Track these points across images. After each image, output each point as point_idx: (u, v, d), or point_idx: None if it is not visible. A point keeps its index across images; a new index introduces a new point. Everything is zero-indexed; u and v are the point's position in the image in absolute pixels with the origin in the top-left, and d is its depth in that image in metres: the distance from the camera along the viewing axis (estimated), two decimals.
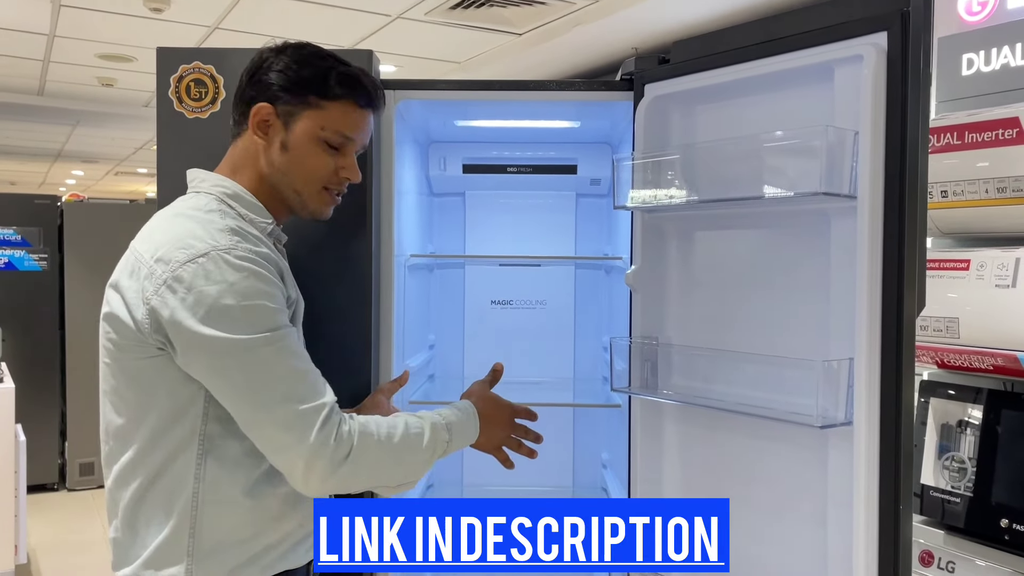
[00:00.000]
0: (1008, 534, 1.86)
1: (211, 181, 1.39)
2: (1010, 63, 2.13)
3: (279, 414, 1.22)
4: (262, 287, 1.25)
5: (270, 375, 1.23)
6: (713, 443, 1.76)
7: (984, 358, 1.90)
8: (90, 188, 13.45)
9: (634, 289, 1.85)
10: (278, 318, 1.26)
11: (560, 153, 2.60)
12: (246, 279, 1.24)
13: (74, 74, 5.79)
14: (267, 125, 1.38)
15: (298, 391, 1.23)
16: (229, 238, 1.27)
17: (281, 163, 1.39)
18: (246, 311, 1.23)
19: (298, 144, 1.38)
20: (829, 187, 1.43)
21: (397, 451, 1.30)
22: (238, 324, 1.22)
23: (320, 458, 1.21)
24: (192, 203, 1.35)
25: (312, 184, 1.41)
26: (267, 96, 1.38)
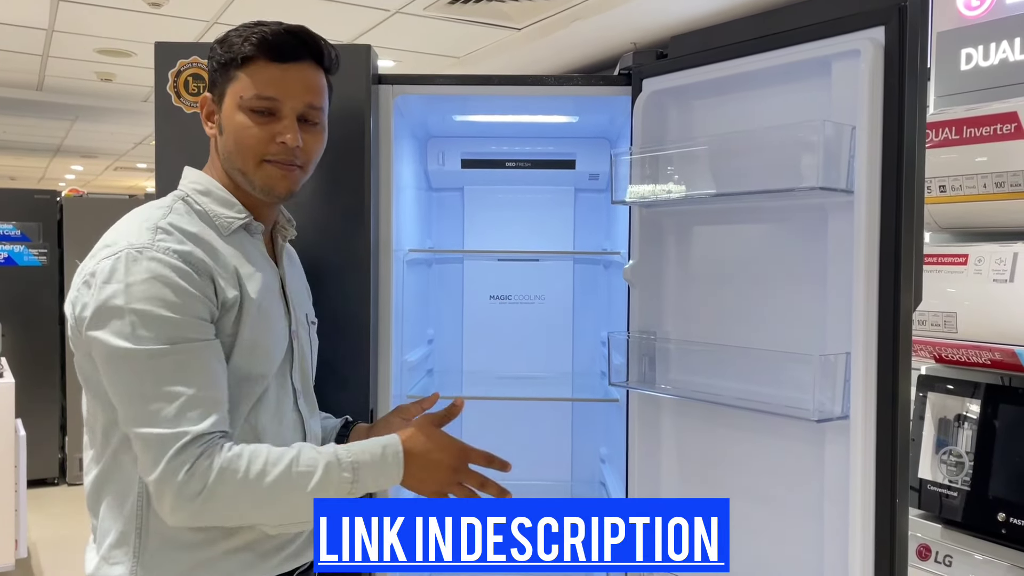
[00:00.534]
0: (1005, 528, 1.87)
1: (189, 178, 1.37)
2: (1009, 58, 2.12)
3: (143, 432, 1.17)
4: (164, 293, 1.17)
5: (143, 390, 1.17)
6: (710, 437, 1.76)
7: (982, 352, 1.91)
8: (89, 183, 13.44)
9: (632, 284, 1.86)
10: (173, 330, 1.17)
11: (558, 148, 2.60)
12: (147, 282, 1.17)
13: (73, 69, 5.79)
14: (211, 114, 1.35)
15: (164, 413, 1.16)
16: (150, 235, 1.21)
17: (222, 147, 1.34)
18: (137, 318, 1.16)
19: (227, 121, 1.32)
20: (826, 182, 1.43)
21: (270, 491, 1.19)
22: (124, 330, 1.16)
23: (168, 489, 1.15)
24: (157, 200, 1.33)
25: (248, 158, 1.31)
26: (208, 85, 1.35)
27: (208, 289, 1.22)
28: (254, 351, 1.29)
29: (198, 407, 1.18)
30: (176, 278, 1.19)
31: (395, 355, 2.02)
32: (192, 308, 1.20)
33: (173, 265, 1.19)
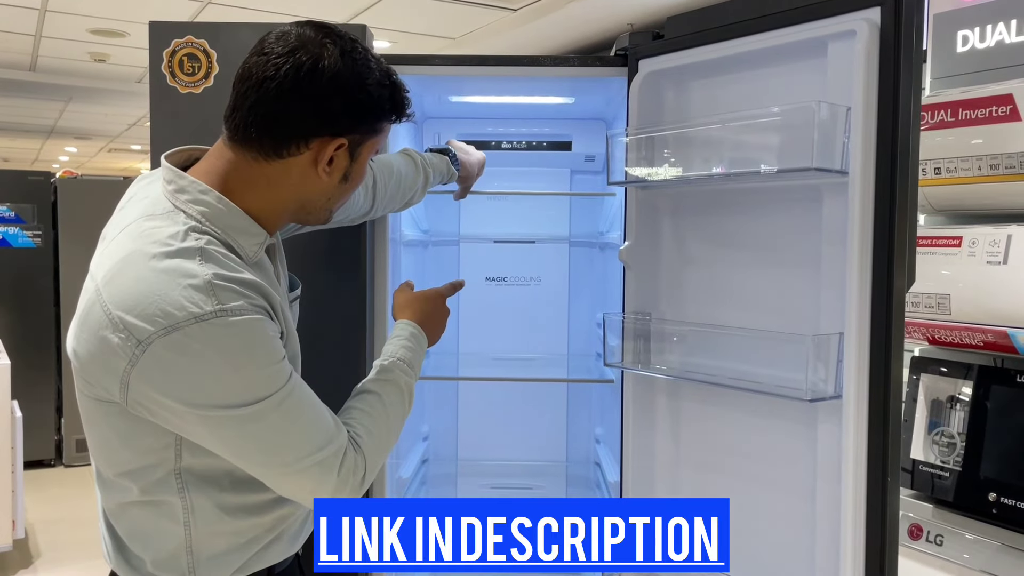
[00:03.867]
0: (996, 508, 1.88)
1: (191, 194, 1.15)
2: (1005, 40, 2.12)
3: (295, 468, 1.14)
4: (255, 347, 1.09)
5: (282, 437, 1.13)
6: (704, 417, 1.77)
7: (975, 334, 1.92)
8: (84, 165, 13.39)
9: (627, 265, 1.86)
10: (279, 374, 1.12)
11: (555, 130, 2.60)
12: (237, 347, 1.08)
13: (66, 49, 5.75)
14: (333, 159, 1.18)
15: (315, 442, 1.14)
16: (210, 299, 1.06)
17: (335, 193, 1.24)
18: (247, 382, 1.09)
19: (359, 173, 1.23)
20: (821, 163, 1.43)
21: (392, 430, 1.32)
22: (236, 396, 1.08)
23: (342, 492, 1.18)
24: (164, 233, 1.11)
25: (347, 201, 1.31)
26: (339, 129, 1.16)
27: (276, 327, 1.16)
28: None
29: (327, 417, 1.19)
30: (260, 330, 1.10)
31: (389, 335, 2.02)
32: (277, 352, 1.13)
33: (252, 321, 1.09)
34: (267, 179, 1.17)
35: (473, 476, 2.73)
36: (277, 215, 1.22)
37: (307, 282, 1.55)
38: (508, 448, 2.78)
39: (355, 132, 1.17)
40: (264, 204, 1.19)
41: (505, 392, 2.72)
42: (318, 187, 1.20)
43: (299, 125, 1.13)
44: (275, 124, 1.13)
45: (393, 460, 2.15)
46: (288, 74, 1.11)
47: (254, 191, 1.17)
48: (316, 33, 1.14)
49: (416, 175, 1.82)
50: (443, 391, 2.80)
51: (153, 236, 1.11)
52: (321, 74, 1.11)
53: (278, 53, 1.12)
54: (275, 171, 1.16)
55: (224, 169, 1.17)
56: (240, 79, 1.16)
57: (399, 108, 1.21)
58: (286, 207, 1.22)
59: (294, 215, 1.25)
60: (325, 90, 1.12)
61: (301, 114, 1.12)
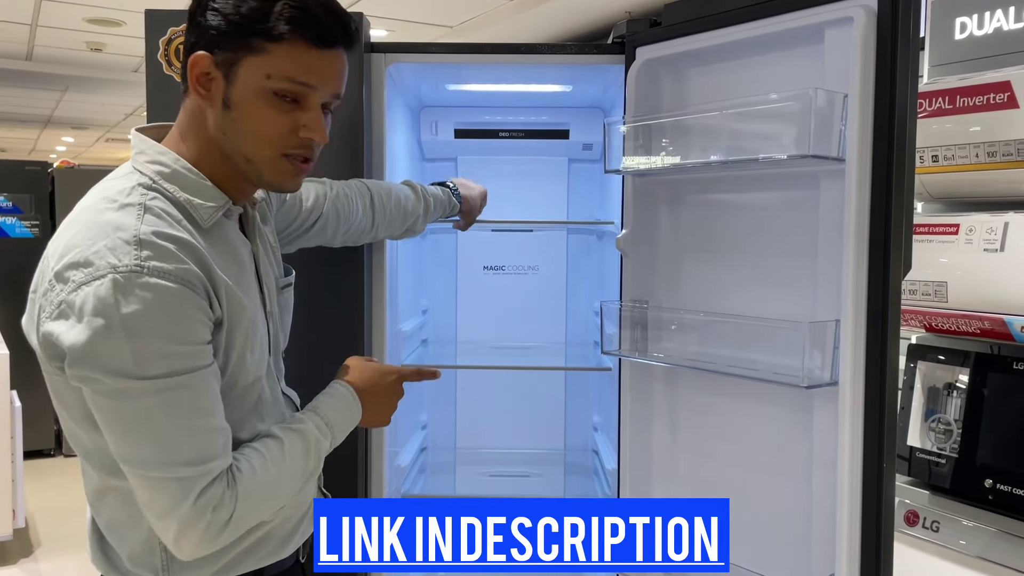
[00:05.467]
0: (992, 494, 1.89)
1: (149, 155, 1.14)
2: (1003, 27, 2.12)
3: (152, 475, 1.04)
4: (165, 324, 1.02)
5: (150, 431, 1.03)
6: (701, 404, 1.78)
7: (971, 321, 1.92)
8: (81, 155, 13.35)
9: (625, 253, 1.86)
10: (181, 362, 1.03)
11: (552, 118, 2.60)
12: (145, 314, 1.00)
13: (62, 38, 5.73)
14: (208, 79, 1.11)
15: (184, 453, 1.04)
16: (135, 254, 1.02)
17: (226, 124, 1.13)
18: (140, 353, 1.01)
19: (242, 100, 1.11)
20: (818, 150, 1.43)
21: (280, 489, 1.17)
22: (125, 368, 1.01)
23: (194, 530, 1.06)
24: (114, 189, 1.11)
25: (264, 148, 1.14)
26: (205, 42, 1.10)
27: (205, 307, 1.07)
28: (245, 357, 1.17)
29: (218, 439, 1.08)
30: (176, 304, 1.03)
31: (389, 325, 2.03)
32: (195, 333, 1.06)
33: (170, 290, 1.03)
34: (191, 121, 1.16)
35: (471, 464, 2.74)
36: (218, 168, 1.16)
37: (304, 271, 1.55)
38: (506, 436, 2.78)
39: (220, 47, 1.10)
40: (200, 155, 1.15)
41: (503, 380, 2.73)
42: (212, 120, 1.13)
43: (185, 40, 1.14)
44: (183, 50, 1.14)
45: (391, 449, 2.16)
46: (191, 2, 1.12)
47: (195, 140, 1.16)
48: None
49: (417, 201, 1.85)
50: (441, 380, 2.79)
51: (104, 192, 1.12)
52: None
53: None
54: (189, 107, 1.16)
55: (178, 125, 1.18)
56: None
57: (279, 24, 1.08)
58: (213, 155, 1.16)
59: (243, 171, 1.16)
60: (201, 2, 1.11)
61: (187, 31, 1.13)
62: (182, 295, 1.04)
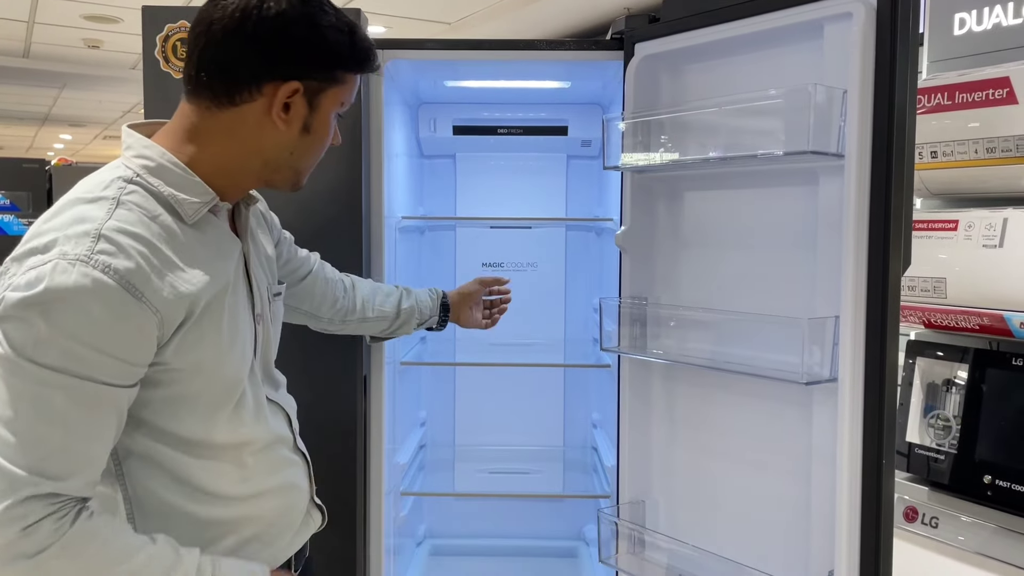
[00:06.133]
0: (991, 490, 1.89)
1: (136, 149, 1.13)
2: (1002, 23, 2.11)
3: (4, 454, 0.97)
4: (84, 324, 0.98)
5: (15, 413, 0.97)
6: (700, 401, 1.78)
7: (970, 317, 1.92)
8: (79, 152, 13.34)
9: (624, 250, 1.86)
10: (79, 364, 0.98)
11: (551, 114, 2.59)
12: (69, 306, 0.97)
13: (60, 36, 5.72)
14: (290, 105, 1.13)
15: (27, 451, 0.97)
16: (90, 245, 0.99)
17: (299, 146, 1.17)
18: (47, 340, 0.97)
19: (320, 124, 1.17)
20: (817, 146, 1.43)
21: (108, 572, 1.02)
22: (24, 339, 0.97)
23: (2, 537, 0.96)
24: (94, 181, 1.10)
25: (315, 162, 1.23)
26: (292, 72, 1.11)
27: (146, 319, 1.02)
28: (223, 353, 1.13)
29: (69, 460, 0.99)
30: (105, 306, 0.98)
31: None
32: (113, 343, 1.00)
33: (107, 288, 0.98)
34: (223, 130, 1.13)
35: (470, 461, 2.74)
36: (238, 173, 1.17)
37: None
38: (505, 433, 2.78)
39: (310, 77, 1.13)
40: (222, 159, 1.14)
41: (502, 377, 2.72)
42: (277, 138, 1.15)
43: (247, 67, 1.10)
44: (224, 66, 1.10)
45: (390, 447, 2.16)
46: (235, 14, 1.08)
47: (211, 144, 1.14)
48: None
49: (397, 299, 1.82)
50: (440, 377, 2.80)
51: (84, 185, 1.10)
52: (267, 13, 1.09)
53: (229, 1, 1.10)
54: (230, 120, 1.13)
55: (182, 124, 1.15)
56: (192, 26, 1.12)
57: (360, 57, 1.17)
58: (247, 164, 1.16)
59: (259, 174, 1.19)
60: (271, 30, 1.09)
61: (248, 55, 1.09)
62: (118, 298, 0.99)
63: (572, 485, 2.63)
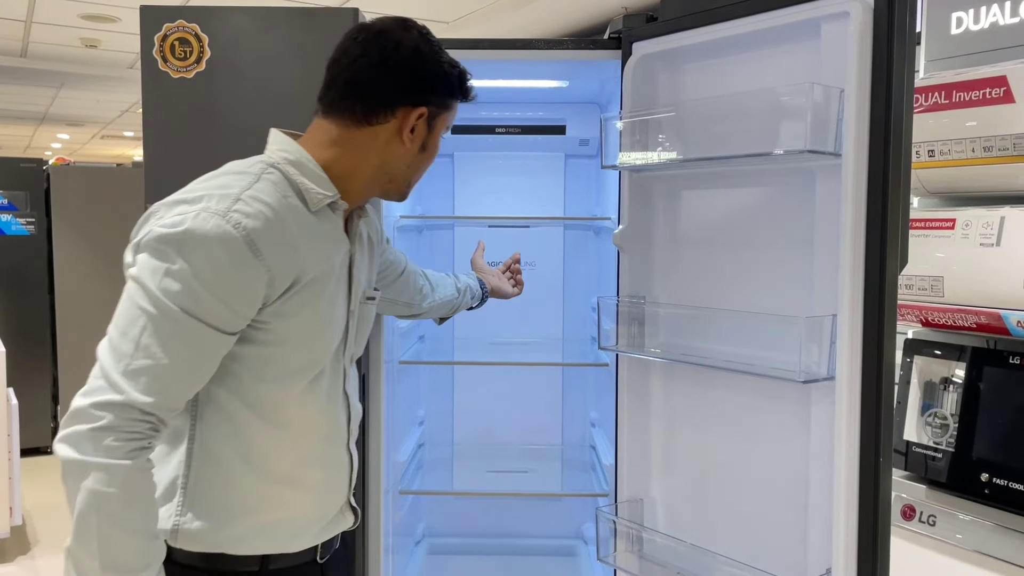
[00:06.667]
0: (988, 488, 1.90)
1: (280, 144, 1.31)
2: (999, 21, 2.12)
3: (104, 361, 1.12)
4: (208, 269, 1.13)
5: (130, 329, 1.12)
6: (698, 399, 1.78)
7: (968, 316, 1.92)
8: (76, 152, 13.32)
9: (621, 249, 1.86)
10: (195, 304, 1.13)
11: (549, 114, 2.59)
12: (200, 250, 1.13)
13: (57, 35, 5.71)
14: (415, 128, 1.32)
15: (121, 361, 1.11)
16: (229, 204, 1.16)
17: (417, 162, 1.37)
18: (172, 274, 1.12)
19: (433, 144, 1.37)
20: (814, 145, 1.43)
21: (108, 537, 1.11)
22: (156, 272, 1.13)
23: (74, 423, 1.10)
24: (244, 163, 1.29)
25: (422, 176, 1.43)
26: (420, 98, 1.31)
27: (257, 276, 1.17)
28: (315, 332, 1.27)
29: (157, 382, 1.12)
30: (230, 258, 1.14)
31: (386, 321, 2.03)
32: (229, 294, 1.15)
33: (234, 242, 1.14)
34: (357, 144, 1.31)
35: (469, 460, 2.74)
36: (360, 181, 1.33)
37: None
38: (504, 432, 2.79)
39: (432, 104, 1.32)
40: (348, 168, 1.31)
41: (501, 376, 2.73)
42: (400, 154, 1.33)
43: (387, 94, 1.29)
44: (366, 93, 1.28)
45: (389, 445, 2.16)
46: (378, 50, 1.28)
47: (342, 155, 1.31)
48: (396, 22, 1.32)
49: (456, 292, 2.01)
50: (439, 376, 2.80)
51: (234, 165, 1.28)
52: (405, 49, 1.29)
53: (367, 36, 1.30)
54: (365, 137, 1.30)
55: (321, 137, 1.32)
56: (334, 60, 1.32)
57: (464, 87, 1.38)
58: (370, 174, 1.33)
59: (379, 183, 1.35)
60: (408, 63, 1.29)
61: (388, 84, 1.29)
62: (240, 250, 1.14)
63: (570, 484, 2.64)
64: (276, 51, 1.91)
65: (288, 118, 1.91)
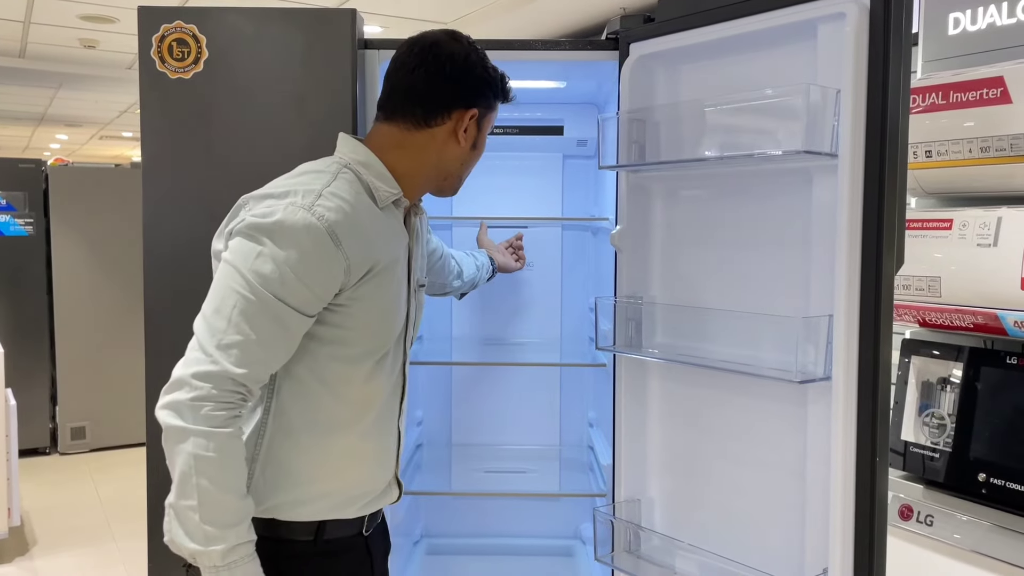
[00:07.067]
0: (985, 488, 1.90)
1: (351, 147, 1.43)
2: (996, 22, 2.12)
3: (201, 336, 1.25)
4: (296, 256, 1.26)
5: (224, 308, 1.25)
6: (696, 399, 1.78)
7: (965, 316, 1.93)
8: (75, 152, 13.31)
9: (619, 249, 1.86)
10: (282, 288, 1.26)
11: (547, 114, 2.59)
12: (290, 237, 1.26)
13: (55, 36, 5.71)
14: (467, 128, 1.45)
15: (215, 336, 1.24)
16: (313, 199, 1.29)
17: (468, 159, 1.50)
18: (265, 258, 1.25)
19: (481, 142, 1.50)
20: (811, 145, 1.43)
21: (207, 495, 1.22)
22: (248, 257, 1.26)
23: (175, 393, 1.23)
24: (319, 163, 1.42)
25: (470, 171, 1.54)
26: (472, 101, 1.44)
27: (337, 263, 1.29)
28: (384, 316, 1.40)
29: (246, 355, 1.24)
30: (314, 246, 1.27)
31: None
32: (312, 279, 1.27)
33: (318, 232, 1.27)
34: (416, 145, 1.44)
35: (467, 461, 2.74)
36: (420, 179, 1.46)
37: None
38: (502, 432, 2.79)
39: (480, 105, 1.45)
40: (409, 167, 1.44)
41: (499, 377, 2.73)
42: (455, 153, 1.46)
43: (444, 99, 1.42)
44: (426, 99, 1.41)
45: None
46: (434, 61, 1.41)
47: (404, 156, 1.44)
48: (446, 34, 1.45)
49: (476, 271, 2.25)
50: (437, 376, 2.80)
51: (313, 165, 1.41)
52: (457, 58, 1.42)
53: (422, 48, 1.42)
54: (423, 138, 1.43)
55: (384, 140, 1.44)
56: (393, 70, 1.44)
57: (506, 90, 1.51)
58: (428, 173, 1.46)
59: (434, 181, 1.49)
60: (461, 70, 1.42)
61: (445, 90, 1.42)
62: (323, 240, 1.27)
63: (568, 484, 2.64)
64: (274, 52, 1.91)
65: (286, 119, 1.91)
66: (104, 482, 5.11)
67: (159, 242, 1.96)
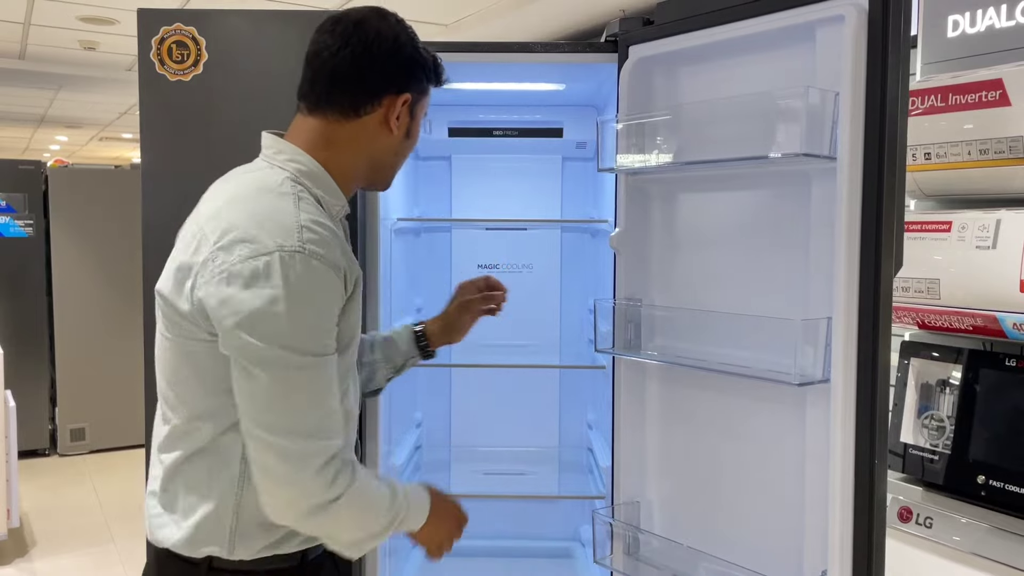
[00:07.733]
0: (985, 490, 1.90)
1: (287, 155, 1.30)
2: (995, 24, 2.12)
3: (282, 442, 1.17)
4: (319, 301, 1.19)
5: (291, 400, 1.17)
6: (695, 401, 1.78)
7: (964, 318, 1.93)
8: (74, 154, 13.31)
9: (618, 251, 1.87)
10: (325, 341, 1.20)
11: (546, 116, 2.60)
12: (304, 291, 1.16)
13: (55, 37, 5.71)
14: (399, 116, 1.33)
15: (309, 425, 1.18)
16: (298, 236, 1.18)
17: (401, 149, 1.39)
18: (294, 326, 1.16)
19: (414, 130, 1.39)
20: (809, 148, 1.44)
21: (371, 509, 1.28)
22: (282, 337, 1.15)
23: (310, 497, 1.19)
24: (265, 180, 1.26)
25: (404, 162, 1.45)
26: (404, 85, 1.33)
27: (342, 290, 1.24)
28: (355, 336, 1.35)
29: (338, 419, 1.22)
30: (326, 286, 1.20)
31: (383, 323, 2.03)
32: (332, 317, 1.22)
33: (324, 272, 1.19)
34: (347, 139, 1.31)
35: (466, 462, 2.74)
36: (352, 176, 1.35)
37: None
38: (501, 434, 2.79)
39: (413, 89, 1.34)
40: (344, 166, 1.32)
41: (498, 378, 2.73)
42: (388, 143, 1.35)
43: (373, 83, 1.30)
44: (353, 85, 1.29)
45: (386, 447, 2.16)
46: (359, 42, 1.28)
47: (337, 154, 1.31)
48: (371, 11, 1.32)
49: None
50: (436, 377, 2.80)
51: (256, 183, 1.26)
52: (385, 39, 1.30)
53: (345, 27, 1.29)
54: (353, 130, 1.31)
55: (312, 136, 1.31)
56: (313, 54, 1.31)
57: (439, 72, 1.40)
58: (361, 168, 1.35)
59: (365, 176, 1.38)
60: (389, 53, 1.30)
61: (373, 74, 1.29)
62: (331, 279, 1.20)
63: (567, 486, 2.64)
64: (273, 54, 1.91)
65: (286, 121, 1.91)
66: (103, 483, 5.11)
67: (159, 243, 1.95)
